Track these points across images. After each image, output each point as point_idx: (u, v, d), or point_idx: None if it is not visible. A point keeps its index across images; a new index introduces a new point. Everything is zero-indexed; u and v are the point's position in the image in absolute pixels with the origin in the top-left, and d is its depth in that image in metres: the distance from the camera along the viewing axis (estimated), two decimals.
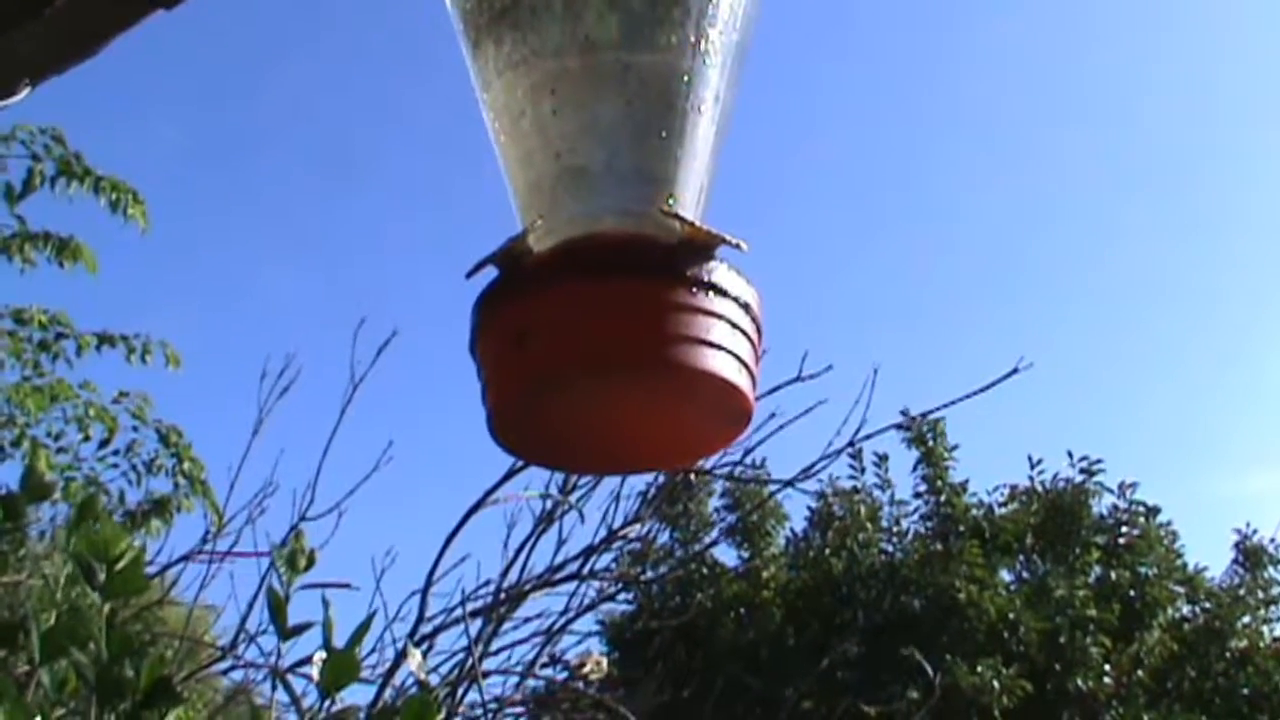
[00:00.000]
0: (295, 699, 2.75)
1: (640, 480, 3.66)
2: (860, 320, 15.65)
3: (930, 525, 9.72)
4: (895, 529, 9.77)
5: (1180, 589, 9.82)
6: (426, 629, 3.25)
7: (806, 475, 3.93)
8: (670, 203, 0.96)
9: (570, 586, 3.59)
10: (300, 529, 2.91)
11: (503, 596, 3.40)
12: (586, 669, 3.52)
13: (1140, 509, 9.91)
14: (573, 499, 3.47)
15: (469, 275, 0.95)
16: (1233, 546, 10.04)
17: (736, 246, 0.94)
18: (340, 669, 1.42)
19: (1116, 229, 16.90)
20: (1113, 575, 9.64)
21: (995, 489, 10.02)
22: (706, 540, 9.13)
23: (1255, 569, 9.93)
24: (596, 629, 8.44)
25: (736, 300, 0.93)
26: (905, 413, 7.46)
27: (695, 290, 0.92)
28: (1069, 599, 9.10)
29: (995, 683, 8.31)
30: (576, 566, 3.58)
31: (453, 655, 3.33)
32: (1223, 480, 16.32)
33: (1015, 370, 3.59)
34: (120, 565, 1.36)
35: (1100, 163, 18.04)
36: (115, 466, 4.91)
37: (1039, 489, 9.95)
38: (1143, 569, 9.66)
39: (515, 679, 3.53)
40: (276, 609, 1.46)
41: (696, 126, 0.99)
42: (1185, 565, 9.90)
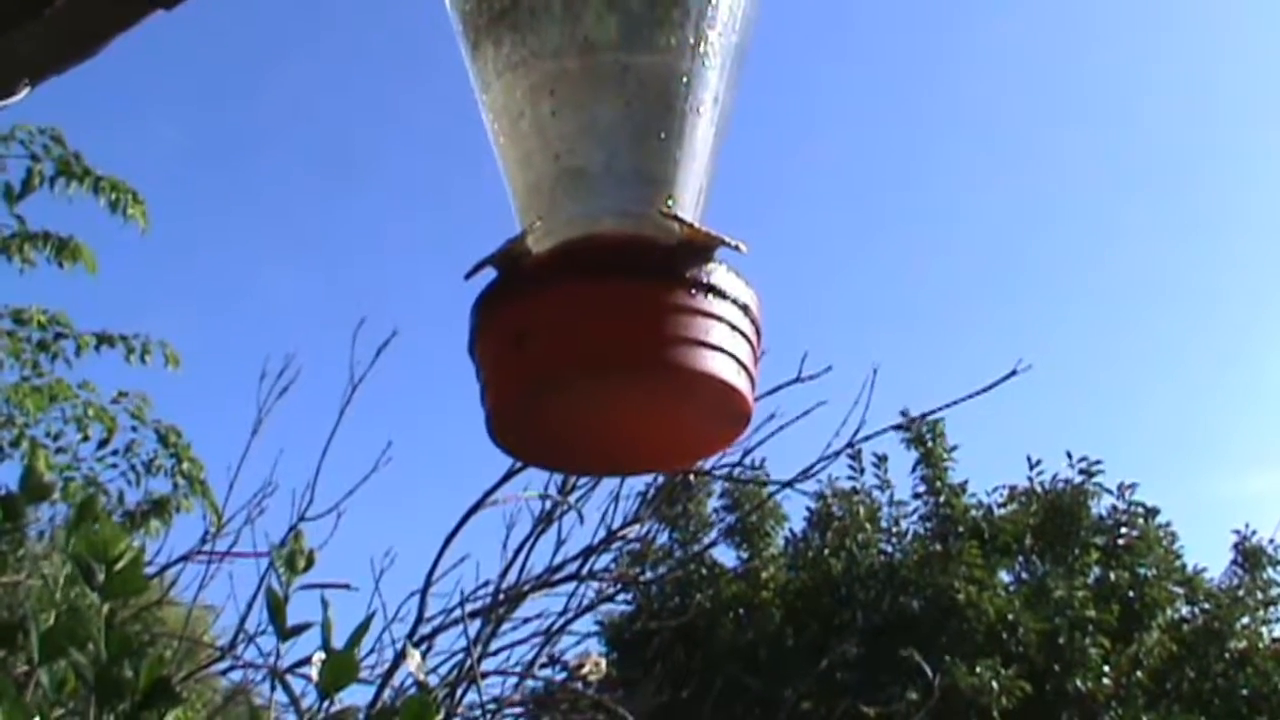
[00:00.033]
0: (294, 699, 2.75)
1: (639, 481, 3.65)
2: (859, 321, 15.67)
3: (929, 526, 9.73)
4: (894, 530, 9.78)
5: (1179, 590, 9.82)
6: (425, 629, 3.25)
7: (806, 476, 3.92)
8: (669, 204, 0.96)
9: (569, 587, 3.59)
10: (299, 529, 2.91)
11: (502, 597, 3.40)
12: (585, 670, 3.51)
13: (1139, 510, 9.92)
14: (572, 500, 3.47)
15: (468, 276, 0.95)
16: (1232, 547, 10.07)
17: (735, 248, 0.94)
18: (339, 669, 1.42)
19: (1116, 229, 16.91)
20: (1112, 576, 9.64)
21: (994, 490, 10.05)
22: (706, 541, 9.13)
23: (1254, 570, 9.94)
24: (595, 630, 8.44)
25: (735, 302, 0.93)
26: (904, 413, 7.47)
27: (694, 292, 0.92)
28: (1068, 600, 9.10)
29: (994, 683, 8.31)
30: (575, 567, 3.58)
31: (452, 656, 3.33)
32: (1222, 481, 16.33)
33: (1014, 372, 3.58)
34: (119, 565, 1.36)
35: (1100, 163, 18.06)
36: (114, 467, 4.92)
37: (1038, 490, 9.96)
38: (1142, 570, 9.66)
39: (514, 680, 3.53)
40: (275, 609, 1.46)
41: (695, 128, 0.99)
42: (1184, 566, 9.91)
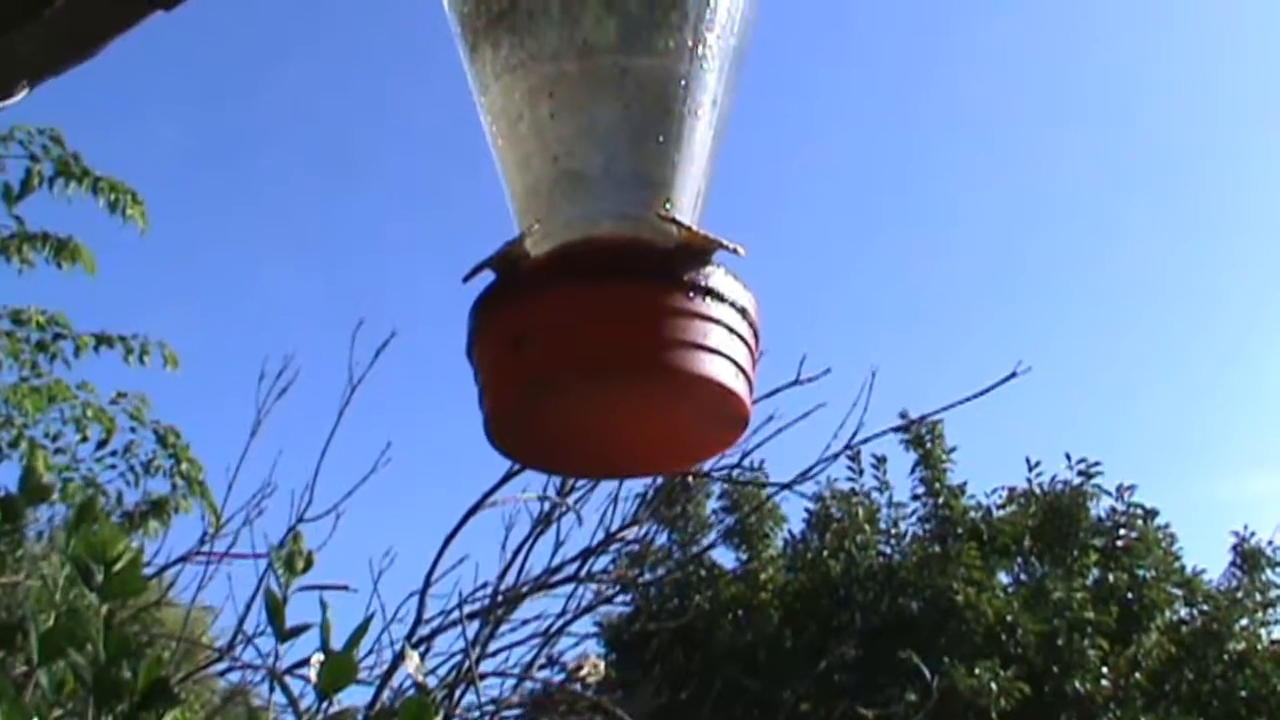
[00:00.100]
0: (293, 700, 2.75)
1: (638, 483, 3.66)
2: (859, 323, 15.67)
3: (928, 527, 9.72)
4: (893, 531, 9.78)
5: (1178, 591, 9.82)
6: (424, 631, 3.25)
7: (804, 478, 3.93)
8: (667, 207, 0.96)
9: (568, 588, 3.60)
10: (298, 530, 2.92)
11: (500, 598, 3.40)
12: (584, 671, 3.51)
13: (1138, 511, 9.92)
14: (570, 501, 3.47)
15: (466, 279, 0.95)
16: (1231, 549, 10.06)
17: (734, 251, 0.94)
18: (338, 671, 1.42)
19: (1116, 229, 16.91)
20: (1111, 577, 9.64)
21: (993, 491, 10.05)
22: (704, 542, 9.13)
23: (1253, 571, 9.94)
24: (594, 631, 8.43)
25: (733, 305, 0.93)
26: (904, 415, 7.48)
27: (692, 295, 0.92)
28: (1067, 601, 9.10)
29: (993, 685, 8.31)
30: (574, 568, 3.59)
31: (450, 657, 3.33)
32: (1221, 483, 16.33)
33: (1013, 374, 3.59)
34: (118, 566, 1.36)
35: (1100, 163, 18.05)
36: (113, 467, 4.92)
37: (1037, 491, 9.95)
38: (1141, 571, 9.66)
39: (513, 681, 3.53)
40: (274, 610, 1.46)
41: (694, 131, 0.99)
42: (1183, 568, 9.90)
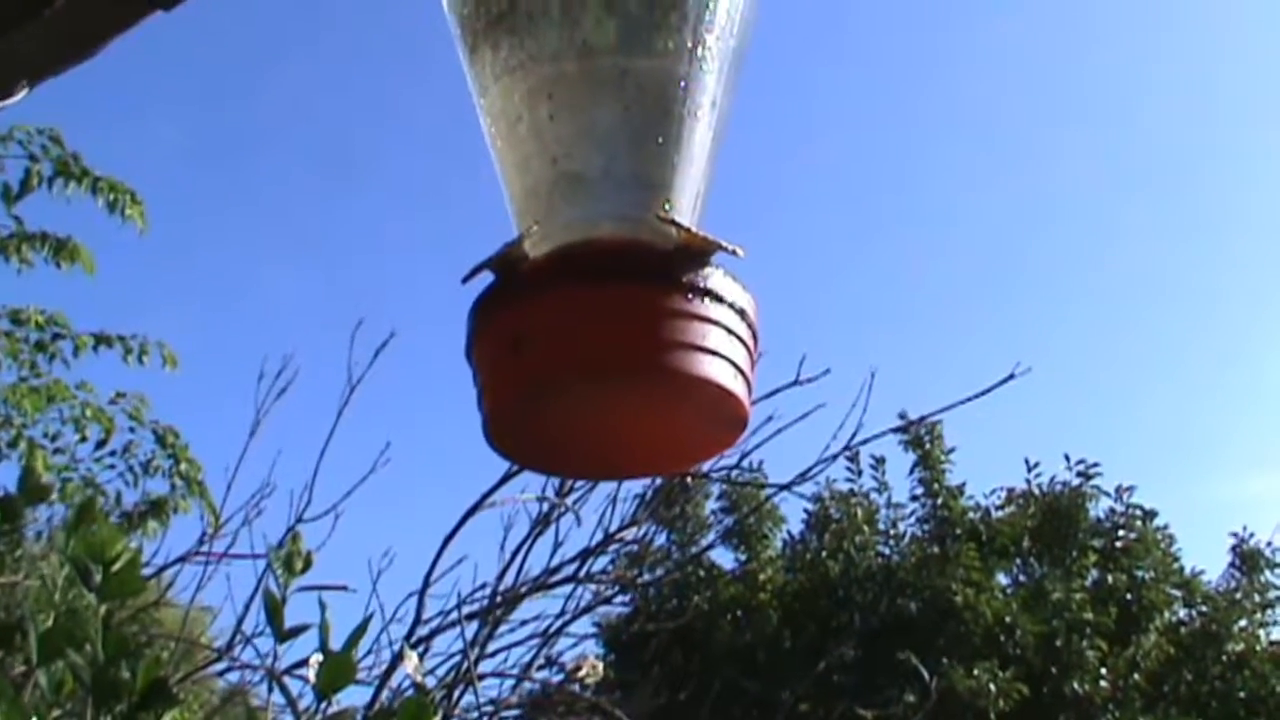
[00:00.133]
0: (291, 701, 2.75)
1: (637, 483, 3.66)
2: (858, 324, 15.67)
3: (927, 528, 9.73)
4: (892, 532, 9.78)
5: (1177, 592, 9.82)
6: (423, 631, 3.25)
7: (804, 478, 3.93)
8: (666, 208, 0.96)
9: (567, 589, 3.59)
10: (297, 530, 2.92)
11: (499, 599, 3.40)
12: (582, 672, 3.51)
13: (1137, 512, 9.92)
14: (569, 502, 3.47)
15: (465, 280, 0.95)
16: (1229, 550, 10.07)
17: (733, 252, 0.94)
18: (337, 671, 1.42)
19: (1116, 229, 16.91)
20: (1109, 578, 9.64)
21: (992, 492, 10.05)
22: (703, 543, 9.13)
23: (1252, 572, 9.94)
24: (593, 632, 8.42)
25: (732, 306, 0.93)
26: (903, 416, 7.47)
27: (691, 296, 0.92)
28: (1065, 602, 9.10)
29: (992, 686, 8.31)
30: (573, 569, 3.58)
31: (449, 657, 3.33)
32: (1220, 483, 16.33)
33: (1012, 375, 3.58)
34: (117, 566, 1.36)
35: (1100, 163, 18.05)
36: (112, 467, 4.92)
37: (1036, 492, 9.95)
38: (1139, 572, 9.66)
39: (511, 681, 3.53)
40: (273, 611, 1.46)
41: (693, 132, 0.99)
42: (1182, 569, 9.90)
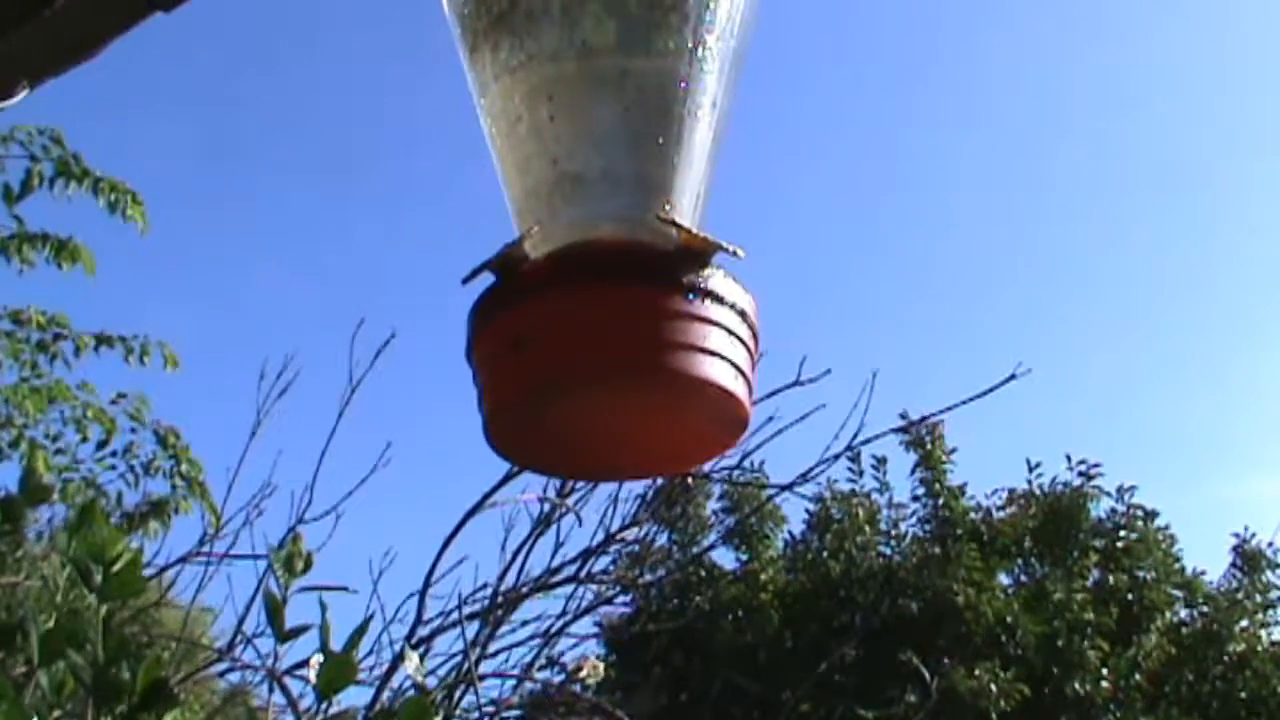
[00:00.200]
0: (292, 701, 2.76)
1: (638, 484, 3.65)
2: (859, 324, 15.65)
3: (928, 528, 9.72)
4: (893, 532, 9.78)
5: (1178, 593, 9.82)
6: (424, 631, 3.25)
7: (805, 479, 3.92)
8: (667, 209, 0.96)
9: (568, 589, 3.59)
10: (298, 531, 2.92)
11: (500, 599, 3.40)
12: (583, 672, 3.50)
13: (1138, 512, 9.92)
14: (570, 502, 3.46)
15: (465, 281, 0.95)
16: (1231, 550, 10.06)
17: (733, 253, 0.94)
18: (337, 671, 1.42)
19: (1117, 229, 16.92)
20: (1111, 579, 9.64)
21: (993, 492, 10.05)
22: (705, 543, 9.12)
23: (1253, 573, 9.94)
24: (594, 632, 8.42)
25: (733, 307, 0.93)
26: (904, 416, 7.46)
27: (692, 297, 0.91)
28: (1067, 603, 9.10)
29: (993, 686, 8.31)
30: (574, 569, 3.58)
31: (450, 658, 3.33)
32: (1221, 484, 16.33)
33: (1013, 375, 3.57)
34: (118, 567, 1.35)
35: (1100, 163, 18.06)
36: (113, 468, 4.91)
37: (1037, 492, 9.95)
38: (1141, 573, 9.66)
39: (512, 682, 3.53)
40: (274, 611, 1.46)
41: (694, 132, 0.99)
42: (1183, 569, 9.91)
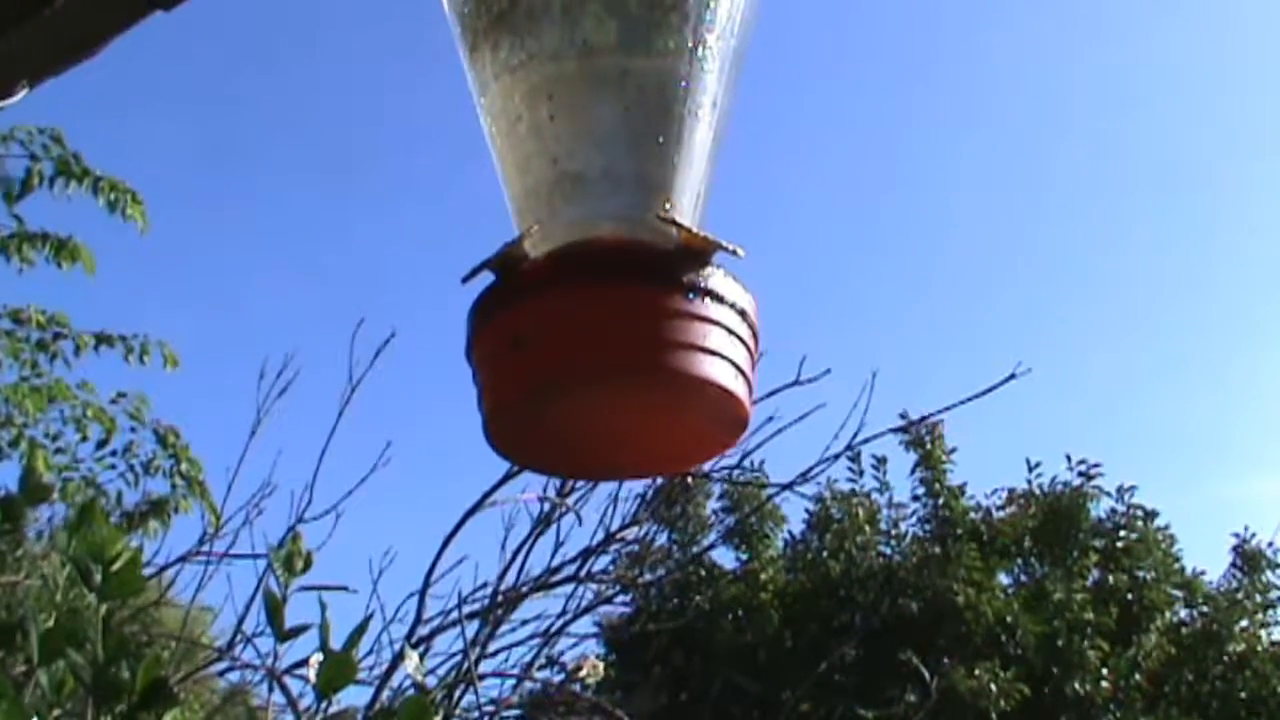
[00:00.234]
0: (292, 701, 2.76)
1: (638, 483, 3.65)
2: (859, 323, 15.66)
3: (928, 528, 9.73)
4: (893, 532, 9.78)
5: (1178, 593, 9.82)
6: (424, 631, 3.25)
7: (805, 478, 3.92)
8: (667, 208, 0.96)
9: (568, 589, 3.59)
10: (298, 530, 2.92)
11: (500, 599, 3.40)
12: (583, 672, 3.50)
13: (1138, 512, 9.92)
14: (570, 501, 3.46)
15: (465, 280, 0.95)
16: (1231, 550, 10.06)
17: (733, 252, 0.94)
18: (337, 671, 1.42)
19: (1117, 228, 16.92)
20: (1110, 579, 9.64)
21: (993, 492, 10.05)
22: (704, 543, 9.13)
23: (1253, 573, 9.94)
24: (594, 631, 8.43)
25: (733, 306, 0.93)
26: (904, 416, 7.46)
27: (692, 296, 0.92)
28: (1066, 602, 9.10)
29: (993, 686, 8.31)
30: (574, 569, 3.58)
31: (450, 657, 3.33)
32: (1221, 484, 16.33)
33: (1013, 375, 3.57)
34: (117, 566, 1.35)
35: (1100, 163, 18.06)
36: (113, 467, 4.92)
37: (1037, 492, 9.95)
38: (1140, 572, 9.66)
39: (512, 681, 3.53)
40: (274, 610, 1.45)
41: (694, 132, 0.99)
42: (1183, 569, 9.91)
